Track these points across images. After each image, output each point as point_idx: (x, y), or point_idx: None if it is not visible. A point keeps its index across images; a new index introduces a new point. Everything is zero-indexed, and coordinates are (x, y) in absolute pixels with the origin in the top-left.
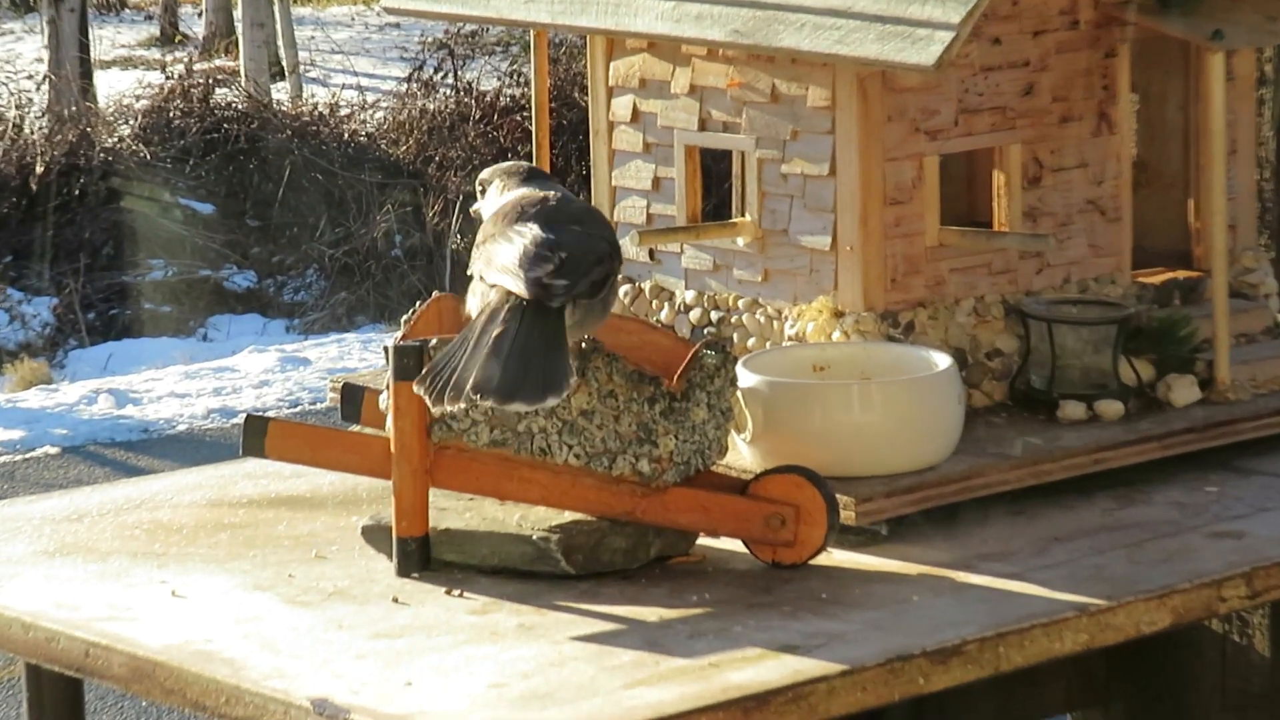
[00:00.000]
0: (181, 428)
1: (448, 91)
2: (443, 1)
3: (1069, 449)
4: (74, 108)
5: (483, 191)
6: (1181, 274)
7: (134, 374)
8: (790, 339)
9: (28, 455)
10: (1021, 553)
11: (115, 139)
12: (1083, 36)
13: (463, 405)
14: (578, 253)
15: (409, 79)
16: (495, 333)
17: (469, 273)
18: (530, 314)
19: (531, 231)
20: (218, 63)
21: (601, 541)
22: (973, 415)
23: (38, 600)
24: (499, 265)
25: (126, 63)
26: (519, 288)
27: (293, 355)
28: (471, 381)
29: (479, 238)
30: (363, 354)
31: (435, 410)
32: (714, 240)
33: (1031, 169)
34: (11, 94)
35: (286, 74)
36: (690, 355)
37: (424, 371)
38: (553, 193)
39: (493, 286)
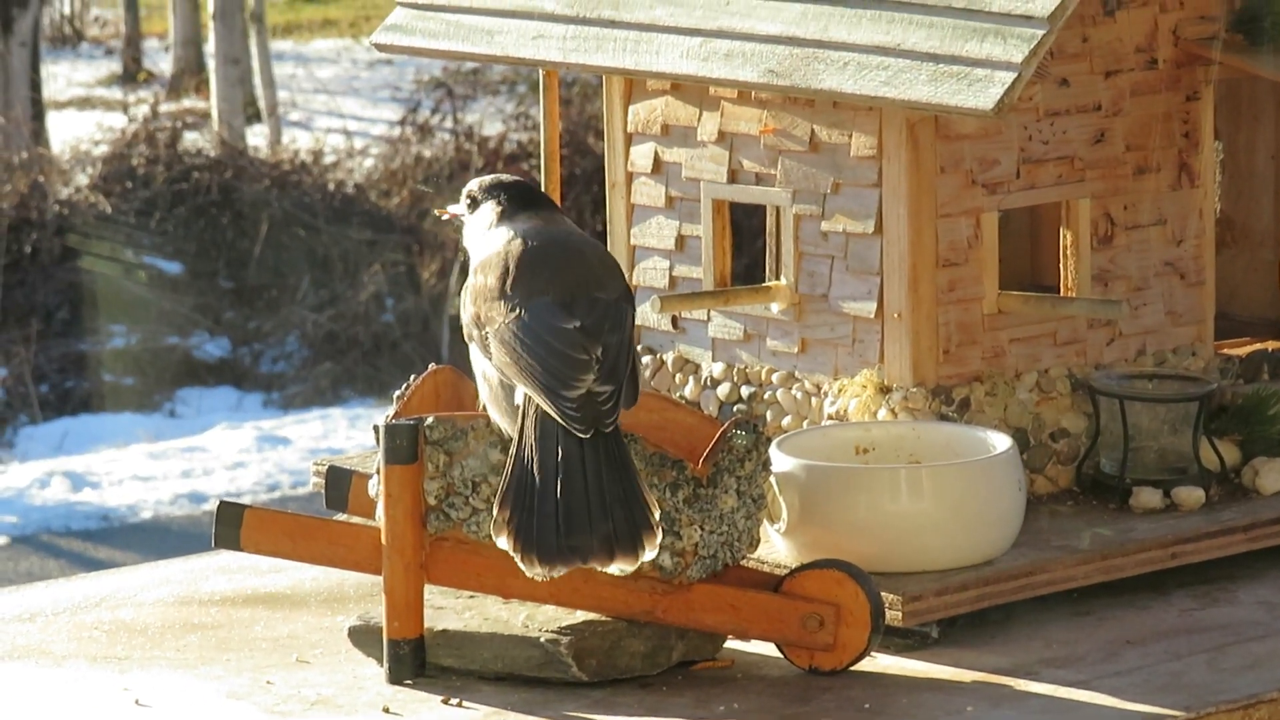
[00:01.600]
0: (145, 515)
1: (446, 136)
2: (440, 37)
3: (1143, 541)
4: (24, 154)
5: (471, 204)
6: (1271, 345)
7: (92, 454)
8: (830, 418)
9: None
10: (1089, 658)
11: (71, 189)
12: (1161, 77)
13: (562, 571)
14: (615, 352)
15: (402, 122)
16: (560, 465)
17: (466, 334)
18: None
19: (553, 324)
20: (186, 103)
21: (618, 644)
22: (1035, 504)
23: None
24: (523, 373)
25: (84, 103)
26: (557, 412)
27: (271, 433)
28: (570, 543)
29: (470, 284)
30: (350, 433)
31: (531, 574)
32: (745, 306)
33: (1103, 226)
34: None
35: (264, 116)
36: (718, 436)
37: (500, 517)
38: (552, 227)
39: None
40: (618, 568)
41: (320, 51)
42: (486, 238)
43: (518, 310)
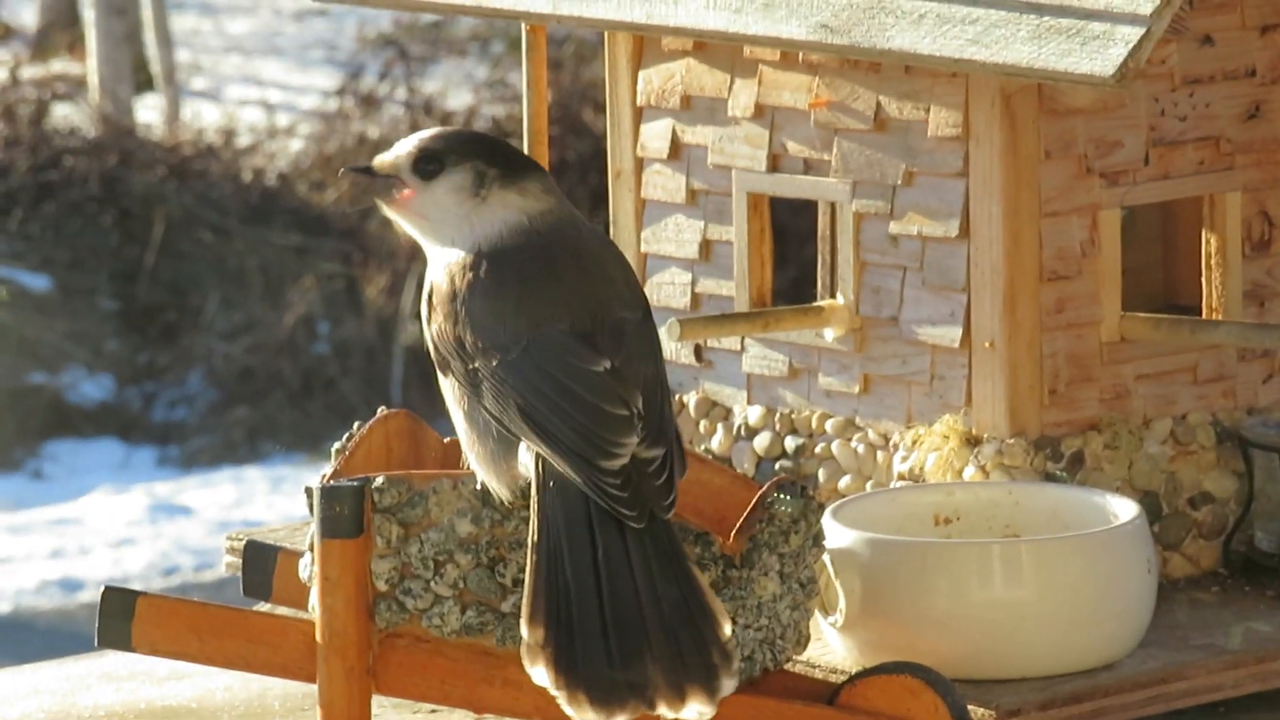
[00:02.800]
0: (2, 607)
1: (398, 110)
2: None
3: None
4: None
5: (428, 168)
6: None
7: None
8: (902, 478)
9: None
10: None
11: None
12: None
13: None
14: (650, 381)
15: (340, 92)
16: (601, 563)
17: (435, 360)
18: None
19: (575, 364)
20: (56, 67)
21: None
22: (1169, 590)
23: None
24: (539, 435)
25: None
26: (596, 493)
27: (168, 500)
28: (628, 677)
29: (438, 289)
30: (271, 498)
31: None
32: (790, 333)
33: (1258, 228)
34: None
35: (159, 84)
36: (755, 501)
37: (533, 638)
38: (557, 212)
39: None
40: (696, 710)
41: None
42: (461, 222)
43: (523, 342)
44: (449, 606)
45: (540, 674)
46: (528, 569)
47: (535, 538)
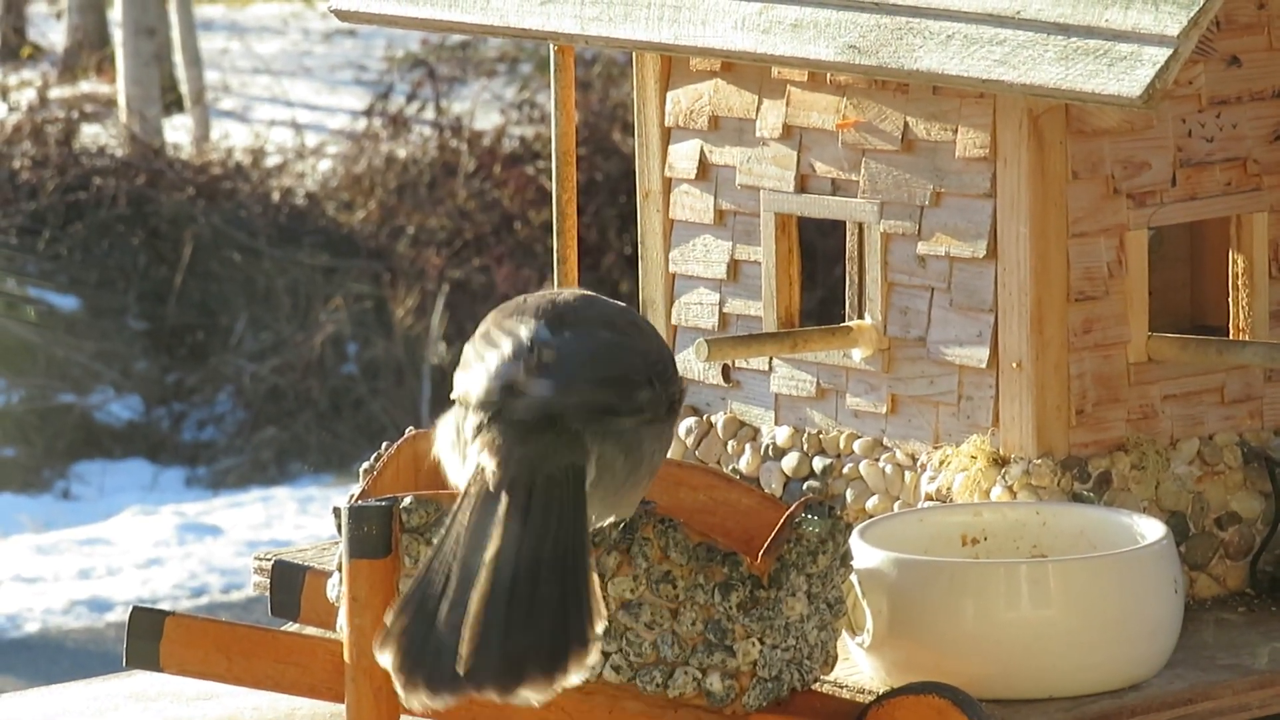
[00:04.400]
0: (31, 627)
1: (426, 130)
2: (419, 2)
3: None
4: None
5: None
6: None
7: None
8: (929, 498)
9: None
10: None
11: None
12: None
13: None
14: (579, 355)
15: (369, 112)
16: (479, 548)
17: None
18: (526, 498)
19: (523, 327)
20: (85, 87)
21: None
22: (1196, 610)
23: None
24: (459, 386)
25: None
26: (479, 400)
27: (196, 521)
28: (462, 664)
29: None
30: (300, 519)
31: (410, 703)
32: (818, 353)
33: None
34: None
35: (187, 105)
36: (782, 522)
37: (394, 625)
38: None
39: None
40: (528, 695)
41: (261, 20)
42: None
43: (490, 331)
44: None
45: (386, 659)
46: (420, 561)
47: (440, 535)
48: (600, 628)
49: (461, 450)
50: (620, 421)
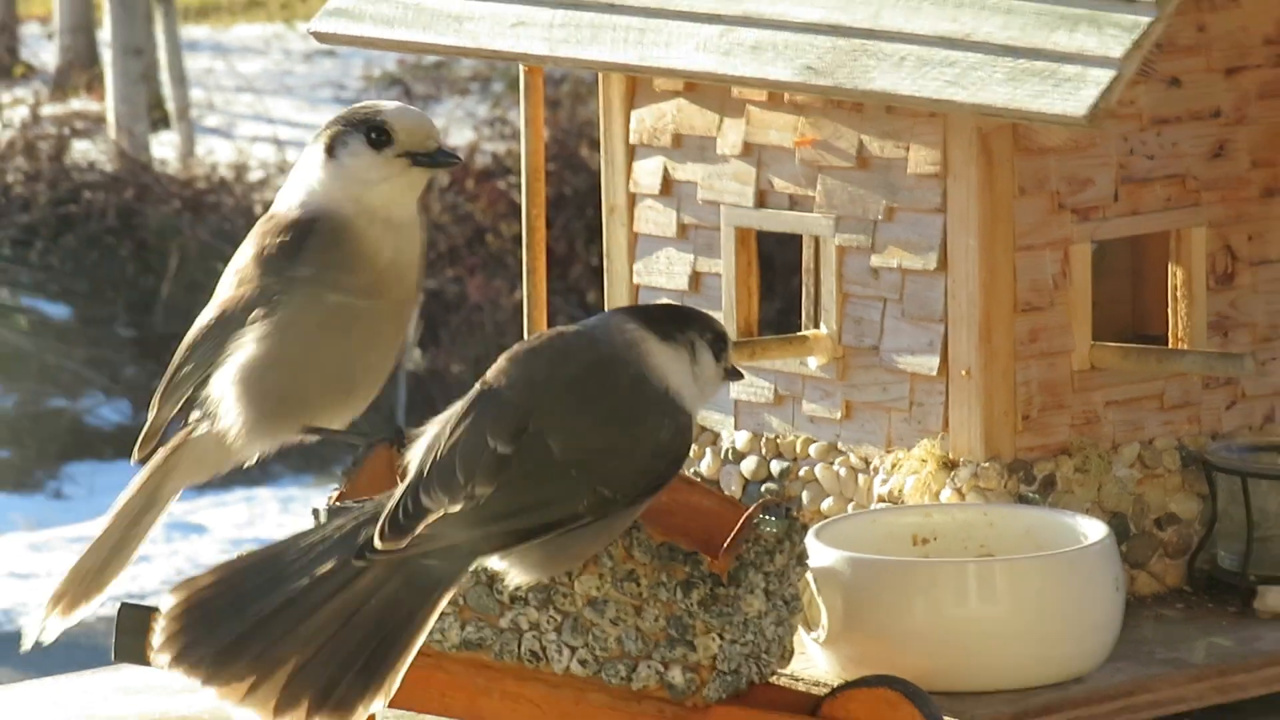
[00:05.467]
0: (25, 621)
1: None
2: (396, 24)
3: (1270, 654)
4: None
5: None
6: None
7: None
8: (882, 500)
9: None
10: None
11: None
12: None
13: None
14: (496, 503)
15: None
16: (302, 595)
17: None
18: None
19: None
20: (75, 105)
21: None
22: (1135, 607)
23: None
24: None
25: None
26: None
27: (182, 519)
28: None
29: None
30: (281, 517)
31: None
32: (775, 361)
33: (1222, 262)
34: None
35: (173, 121)
36: (741, 522)
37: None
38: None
39: None
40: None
41: (244, 40)
42: None
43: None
44: (449, 622)
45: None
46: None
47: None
48: (382, 701)
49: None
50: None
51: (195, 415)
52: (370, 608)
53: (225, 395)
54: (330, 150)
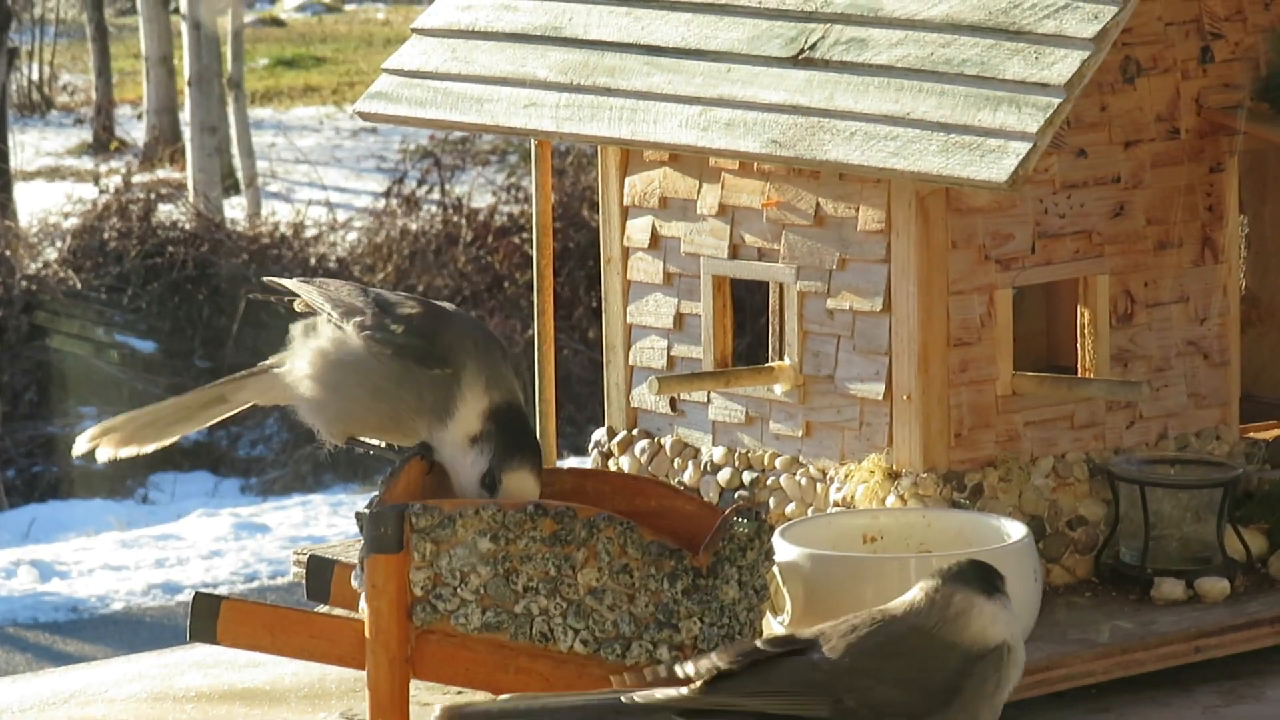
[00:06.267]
0: (117, 606)
1: (433, 208)
2: (427, 105)
3: (1165, 635)
4: None
5: None
6: None
7: (61, 542)
8: (836, 504)
9: None
10: None
11: (39, 264)
12: (1183, 148)
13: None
14: None
15: (387, 193)
16: None
17: None
18: None
19: None
20: (161, 174)
21: None
22: (1051, 595)
23: None
24: None
25: (53, 173)
26: None
27: (249, 521)
28: None
29: None
30: (332, 519)
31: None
32: (747, 388)
33: (1122, 304)
34: None
35: (242, 187)
36: (718, 524)
37: None
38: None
39: None
40: None
41: (301, 119)
42: None
43: None
44: (472, 609)
45: None
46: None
47: None
48: None
49: None
50: None
51: (279, 359)
52: None
53: (300, 386)
54: None
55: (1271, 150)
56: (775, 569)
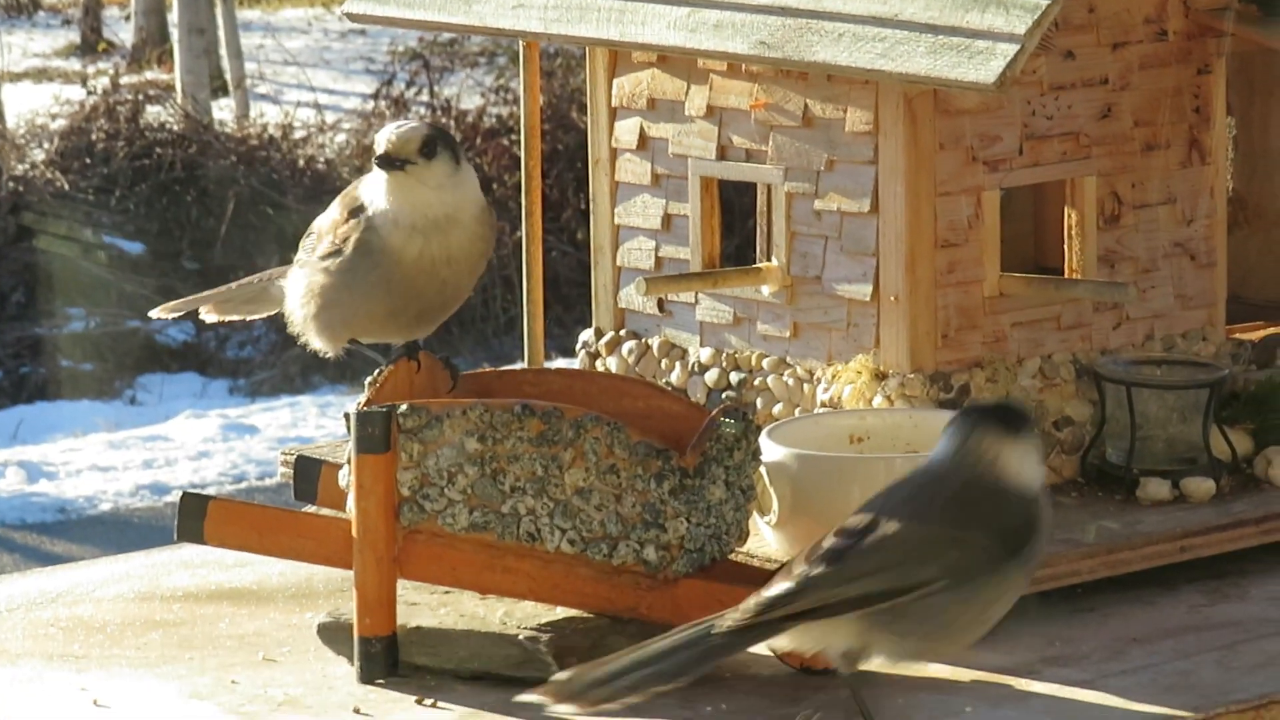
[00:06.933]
0: (105, 507)
1: (422, 110)
2: (416, 7)
3: (1150, 535)
4: None
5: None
6: None
7: (49, 443)
8: (823, 405)
9: None
10: (1094, 656)
11: (26, 165)
12: (1171, 50)
13: None
14: None
15: (376, 95)
16: None
17: None
18: None
19: None
20: (149, 75)
21: (600, 643)
22: None
23: None
24: None
25: (40, 75)
26: None
27: (237, 422)
28: None
29: None
30: (320, 420)
31: None
32: (734, 289)
33: (1109, 205)
34: None
35: (230, 89)
36: (705, 424)
37: None
38: None
39: None
40: None
41: (290, 21)
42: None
43: None
44: (459, 509)
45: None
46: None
47: None
48: None
49: None
50: None
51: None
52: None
53: (292, 304)
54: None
55: (1259, 52)
56: (762, 469)
